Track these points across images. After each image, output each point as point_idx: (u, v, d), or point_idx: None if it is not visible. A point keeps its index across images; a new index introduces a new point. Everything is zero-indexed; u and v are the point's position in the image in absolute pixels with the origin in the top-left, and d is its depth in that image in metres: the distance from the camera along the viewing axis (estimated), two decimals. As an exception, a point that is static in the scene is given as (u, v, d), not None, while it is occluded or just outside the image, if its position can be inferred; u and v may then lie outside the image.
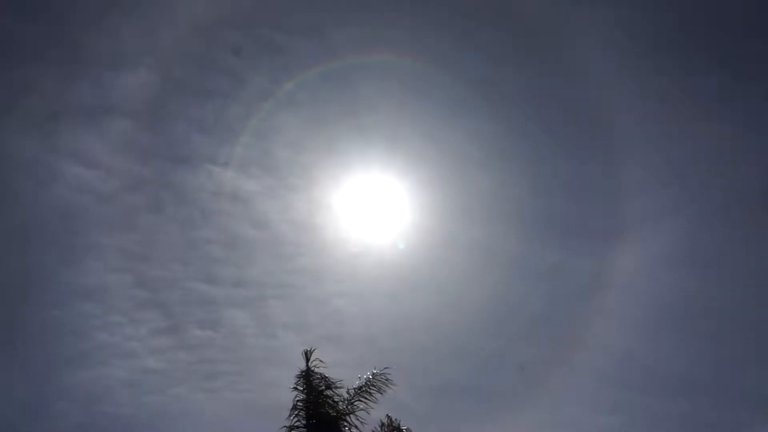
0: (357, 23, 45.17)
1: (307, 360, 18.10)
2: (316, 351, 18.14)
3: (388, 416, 18.16)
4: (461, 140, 46.81)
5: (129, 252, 42.92)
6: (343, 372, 18.40)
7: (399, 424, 18.06)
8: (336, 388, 17.91)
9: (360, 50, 44.65)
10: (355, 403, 17.77)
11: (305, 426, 17.42)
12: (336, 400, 17.80)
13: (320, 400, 17.69)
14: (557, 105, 47.18)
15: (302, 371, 18.01)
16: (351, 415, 17.65)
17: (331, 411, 17.56)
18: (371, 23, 45.27)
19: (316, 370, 18.03)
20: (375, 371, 18.17)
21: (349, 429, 17.59)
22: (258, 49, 45.91)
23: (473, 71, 45.86)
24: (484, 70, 46.08)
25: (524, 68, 46.91)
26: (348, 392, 17.92)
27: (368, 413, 17.82)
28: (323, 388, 17.82)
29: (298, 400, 17.73)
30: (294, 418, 17.48)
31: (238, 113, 45.66)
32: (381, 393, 17.90)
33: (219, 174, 45.33)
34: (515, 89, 47.08)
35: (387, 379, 18.07)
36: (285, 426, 17.39)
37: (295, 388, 17.85)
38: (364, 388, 17.88)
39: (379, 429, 17.97)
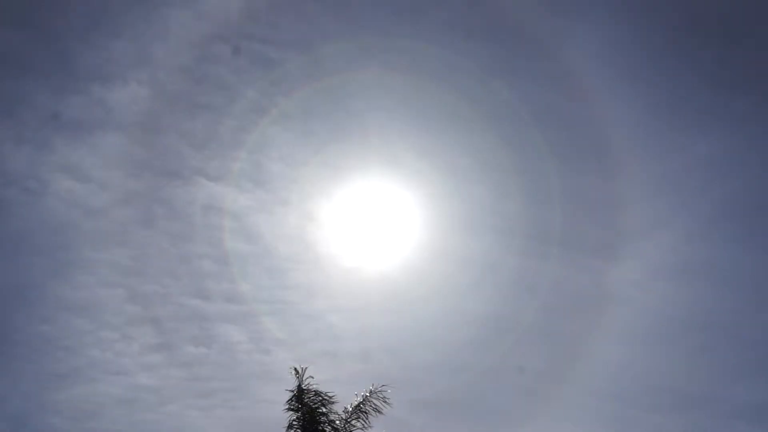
0: (348, 38, 45.27)
1: (299, 378, 17.77)
2: (309, 367, 17.85)
3: (383, 432, 17.89)
4: (456, 154, 46.80)
5: (121, 266, 42.60)
6: (338, 388, 18.12)
7: None
8: (331, 404, 17.59)
9: (352, 64, 44.69)
10: (352, 422, 17.44)
11: (301, 445, 17.13)
12: (332, 418, 17.47)
13: (316, 418, 17.35)
14: (553, 118, 47.28)
15: (295, 389, 17.68)
16: (347, 434, 17.35)
17: (328, 430, 17.23)
18: (363, 38, 45.35)
19: (311, 387, 17.70)
20: (372, 389, 17.87)
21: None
22: (250, 63, 45.91)
23: (467, 84, 45.90)
24: (478, 83, 46.14)
25: (519, 81, 47.04)
26: (345, 410, 17.61)
27: (366, 430, 17.53)
28: (318, 405, 17.48)
29: (292, 420, 17.40)
30: (290, 437, 17.19)
31: (230, 127, 45.53)
32: (379, 411, 17.60)
33: (211, 188, 45.12)
34: (510, 103, 47.13)
35: (384, 398, 17.76)
36: (281, 445, 17.11)
37: (289, 408, 17.52)
38: (361, 407, 17.57)
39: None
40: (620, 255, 43.95)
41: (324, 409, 17.49)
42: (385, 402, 17.69)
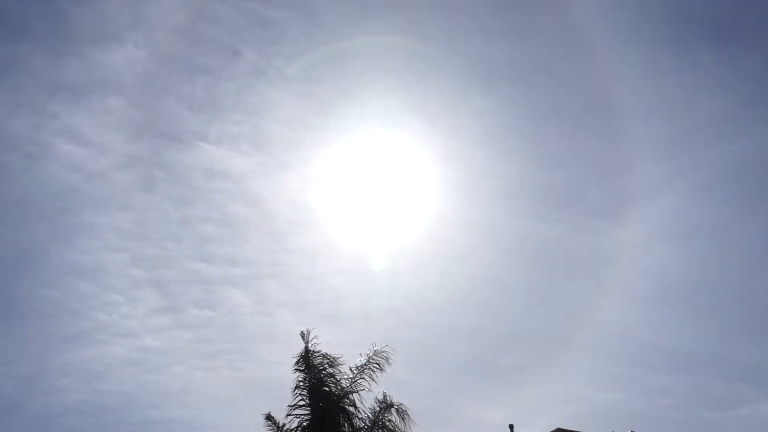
0: (349, 1, 44.66)
1: (306, 341, 17.89)
2: (314, 329, 18.00)
3: (384, 393, 18.06)
4: (458, 116, 46.51)
5: (123, 230, 42.72)
6: (342, 349, 18.33)
7: (392, 401, 17.89)
8: (338, 365, 17.73)
9: (353, 26, 44.09)
10: (358, 381, 17.67)
11: (308, 405, 17.32)
12: (338, 378, 17.64)
13: (322, 378, 17.48)
14: (555, 78, 46.81)
15: (302, 352, 17.82)
16: (354, 394, 17.58)
17: (334, 389, 17.43)
18: (364, 1, 44.76)
19: (317, 348, 17.88)
20: (375, 348, 18.04)
21: (352, 406, 17.49)
22: (248, 24, 45.31)
23: (468, 45, 45.41)
24: (480, 43, 45.63)
25: (520, 40, 46.48)
26: (351, 370, 17.80)
27: (370, 390, 17.71)
28: (325, 366, 17.60)
29: (300, 380, 17.57)
30: (297, 397, 17.39)
31: (229, 90, 45.19)
32: (381, 370, 17.76)
33: (210, 152, 44.93)
34: (512, 65, 46.69)
35: (386, 357, 17.95)
36: (289, 405, 17.32)
37: (297, 369, 17.65)
38: (365, 366, 17.73)
39: (375, 405, 17.81)
40: (623, 217, 43.89)
41: (331, 370, 17.60)
42: (387, 361, 17.89)
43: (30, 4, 42.55)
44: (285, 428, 17.35)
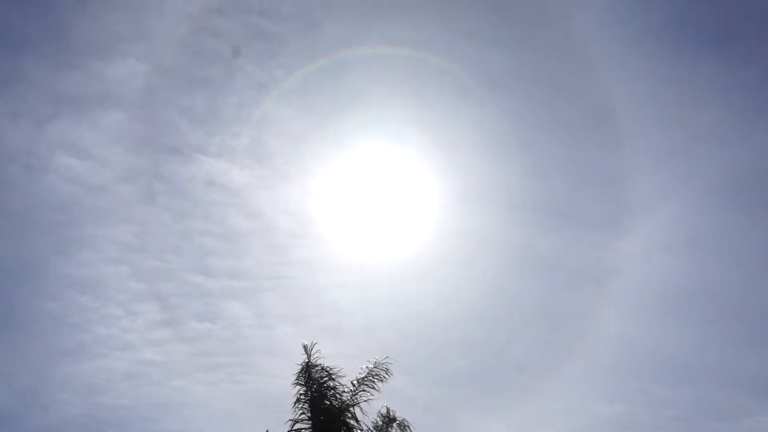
0: (349, 11, 44.75)
1: (308, 354, 17.86)
2: (314, 342, 17.98)
3: (386, 407, 18.09)
4: (457, 128, 46.47)
5: (124, 243, 42.67)
6: (343, 362, 18.31)
7: (395, 416, 17.94)
8: (338, 377, 17.72)
9: (353, 38, 44.15)
10: (359, 394, 17.62)
11: (309, 419, 17.25)
12: (339, 390, 17.59)
13: (323, 392, 17.40)
14: (555, 89, 46.84)
15: (303, 365, 17.77)
16: (354, 407, 17.50)
17: (335, 402, 17.35)
18: (364, 11, 44.83)
19: (318, 361, 17.84)
20: (376, 360, 18.05)
21: (354, 419, 17.40)
22: (249, 37, 45.42)
23: (468, 56, 45.42)
24: (480, 54, 45.66)
25: (520, 52, 46.54)
26: (352, 383, 17.75)
27: (369, 404, 17.65)
28: (326, 379, 17.53)
29: (300, 394, 17.50)
30: (299, 411, 17.34)
31: (229, 102, 45.24)
32: (382, 381, 17.77)
33: (211, 164, 44.91)
34: (511, 75, 46.71)
35: (387, 369, 17.96)
36: (290, 419, 17.24)
37: (297, 383, 17.58)
38: (366, 379, 17.69)
39: (378, 419, 17.82)
40: (624, 228, 43.77)
41: (331, 383, 17.56)
42: (388, 373, 17.88)
43: (32, 16, 42.72)
44: (285, 442, 17.28)
